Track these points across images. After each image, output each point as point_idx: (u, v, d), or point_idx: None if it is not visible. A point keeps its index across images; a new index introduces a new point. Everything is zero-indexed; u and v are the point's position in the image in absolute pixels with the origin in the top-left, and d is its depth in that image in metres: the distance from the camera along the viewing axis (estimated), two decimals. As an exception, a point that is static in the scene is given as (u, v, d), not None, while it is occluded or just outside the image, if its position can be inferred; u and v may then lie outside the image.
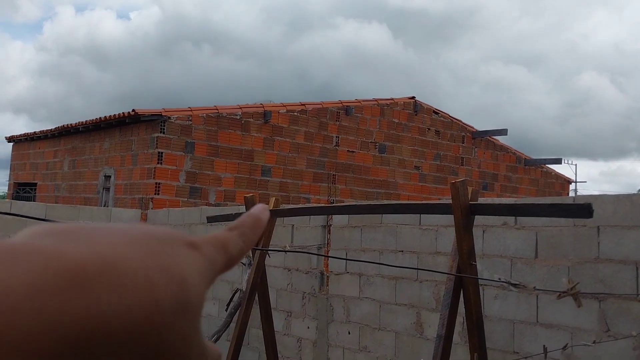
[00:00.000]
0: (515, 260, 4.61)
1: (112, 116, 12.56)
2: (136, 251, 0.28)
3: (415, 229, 5.44)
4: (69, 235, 0.28)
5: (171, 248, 0.30)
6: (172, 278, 0.28)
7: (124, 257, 0.27)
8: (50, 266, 0.24)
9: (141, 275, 0.27)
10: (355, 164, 14.51)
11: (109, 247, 0.27)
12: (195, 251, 0.31)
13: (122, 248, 0.27)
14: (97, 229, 0.29)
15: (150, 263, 0.28)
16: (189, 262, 0.30)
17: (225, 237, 0.35)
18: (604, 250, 4.07)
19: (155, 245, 0.29)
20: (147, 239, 0.29)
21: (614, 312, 3.98)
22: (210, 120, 12.36)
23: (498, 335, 4.63)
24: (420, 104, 15.90)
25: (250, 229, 0.37)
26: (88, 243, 0.27)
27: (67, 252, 0.26)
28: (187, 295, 0.29)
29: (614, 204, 4.04)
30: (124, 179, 12.47)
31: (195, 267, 0.30)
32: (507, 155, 17.54)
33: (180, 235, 0.32)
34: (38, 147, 15.98)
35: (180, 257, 0.30)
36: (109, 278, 0.25)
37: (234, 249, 0.35)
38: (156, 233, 0.30)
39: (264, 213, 0.39)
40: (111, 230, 0.29)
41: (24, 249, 0.25)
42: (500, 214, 4.27)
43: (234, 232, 0.36)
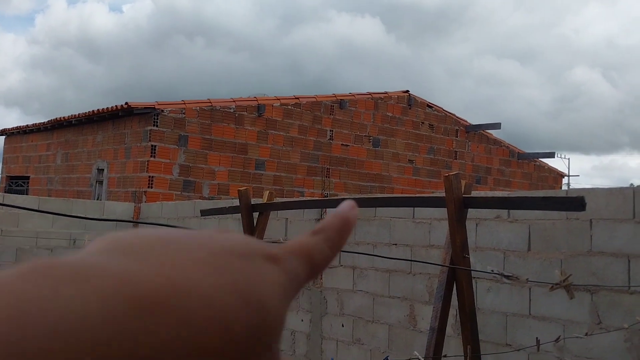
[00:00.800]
0: (508, 253, 4.63)
1: (105, 109, 12.50)
2: (211, 272, 0.25)
3: (409, 222, 5.45)
4: (138, 253, 0.26)
5: (250, 264, 0.27)
6: (248, 302, 0.25)
7: (197, 281, 0.25)
8: (118, 291, 0.22)
9: (215, 301, 0.24)
10: (349, 157, 14.52)
11: (182, 269, 0.25)
12: (276, 266, 0.28)
13: (195, 269, 0.25)
14: (170, 243, 0.27)
15: (225, 286, 0.25)
16: (269, 281, 0.27)
17: (310, 244, 0.32)
18: (597, 243, 4.10)
19: (232, 263, 0.27)
20: (224, 255, 0.27)
21: (605, 304, 4.01)
22: (203, 114, 12.32)
23: (491, 327, 4.65)
24: (414, 97, 15.90)
25: (337, 232, 0.33)
26: (159, 263, 0.25)
27: (138, 276, 0.24)
28: (266, 320, 0.26)
29: (607, 197, 4.06)
30: (117, 172, 12.43)
31: (276, 285, 0.28)
32: (501, 149, 17.58)
33: (260, 247, 0.29)
34: (31, 140, 15.90)
35: (260, 276, 0.27)
36: (179, 306, 0.23)
37: (319, 257, 0.32)
38: (235, 246, 0.28)
39: (352, 212, 0.35)
40: (185, 244, 0.27)
41: (92, 270, 0.23)
42: (494, 207, 4.28)
43: (319, 237, 0.32)
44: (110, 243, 0.27)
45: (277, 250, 0.29)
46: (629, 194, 3.97)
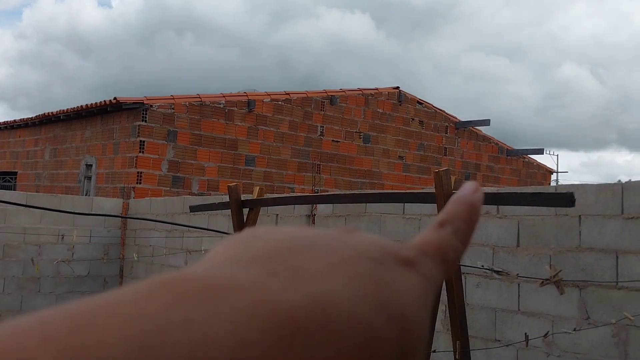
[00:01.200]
0: (497, 248, 4.65)
1: (94, 104, 12.41)
2: (349, 283, 0.23)
3: (399, 218, 5.46)
4: (272, 264, 0.23)
5: (387, 271, 0.24)
6: (391, 318, 0.23)
7: (337, 296, 0.22)
8: (257, 313, 0.20)
9: (358, 318, 0.22)
10: (340, 153, 14.52)
11: (320, 283, 0.22)
12: (413, 270, 0.26)
13: (334, 282, 0.23)
14: (299, 247, 0.24)
15: (367, 299, 0.23)
16: (408, 289, 0.25)
17: (441, 240, 0.29)
18: (585, 239, 4.12)
19: (369, 271, 0.24)
20: (359, 262, 0.24)
21: (594, 300, 4.03)
22: (193, 109, 12.27)
23: (480, 323, 4.67)
24: (405, 94, 15.92)
25: (466, 222, 0.30)
26: (294, 275, 0.22)
27: (274, 293, 0.21)
28: (409, 337, 0.23)
29: (596, 193, 4.08)
30: (106, 168, 12.35)
31: (415, 293, 0.25)
32: (490, 146, 17.66)
33: (393, 249, 0.26)
34: (18, 135, 15.76)
35: (398, 284, 0.24)
36: (322, 327, 0.21)
37: (452, 254, 0.28)
38: (368, 250, 0.25)
39: (477, 196, 0.31)
40: (315, 249, 0.24)
41: (223, 286, 0.21)
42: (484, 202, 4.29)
43: (447, 230, 0.29)
44: (234, 250, 0.25)
45: (411, 252, 0.27)
46: (618, 190, 3.99)
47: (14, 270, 8.38)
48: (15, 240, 8.39)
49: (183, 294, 0.20)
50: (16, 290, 8.39)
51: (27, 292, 8.46)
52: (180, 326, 0.19)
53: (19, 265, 8.42)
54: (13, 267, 8.39)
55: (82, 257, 8.87)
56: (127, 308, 0.19)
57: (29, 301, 8.41)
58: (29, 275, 8.45)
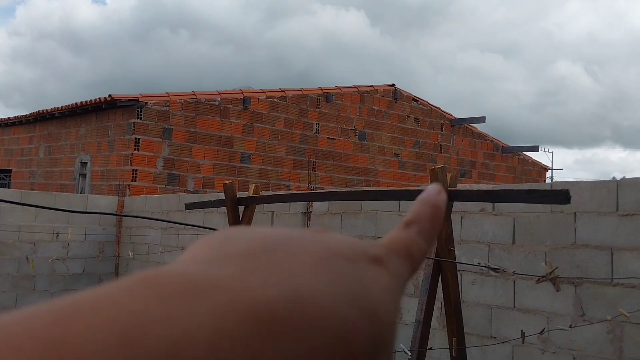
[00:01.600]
0: (493, 246, 4.66)
1: (89, 102, 12.36)
2: (324, 279, 0.24)
3: (395, 215, 5.46)
4: (248, 261, 0.24)
5: (358, 268, 0.25)
6: (363, 311, 0.24)
7: (311, 291, 0.23)
8: (234, 309, 0.21)
9: (333, 312, 0.23)
10: (336, 151, 14.51)
11: (295, 278, 0.23)
12: (382, 267, 0.27)
13: (309, 278, 0.23)
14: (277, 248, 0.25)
15: (341, 295, 0.24)
16: (378, 285, 0.26)
17: (407, 239, 0.30)
18: (581, 236, 4.13)
19: (342, 268, 0.25)
20: (332, 259, 0.25)
21: (589, 296, 4.04)
22: (188, 106, 12.24)
23: (476, 320, 4.68)
24: (400, 91, 15.92)
25: (430, 222, 0.31)
26: (271, 272, 0.23)
27: (253, 289, 0.22)
28: (381, 331, 0.24)
29: (591, 190, 4.09)
30: (101, 166, 12.31)
31: (385, 290, 0.26)
32: (485, 143, 17.68)
33: (363, 248, 0.27)
34: (13, 132, 15.69)
35: (369, 281, 0.25)
36: (298, 321, 0.22)
37: (417, 253, 0.30)
38: (341, 249, 0.26)
39: (440, 197, 0.32)
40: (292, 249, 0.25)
41: (200, 282, 0.21)
42: (479, 200, 4.30)
43: (413, 230, 0.30)
44: (210, 249, 0.25)
45: (380, 251, 0.28)
46: (613, 187, 4.00)
47: (8, 268, 8.35)
48: (10, 238, 8.36)
49: (163, 290, 0.21)
50: (11, 289, 8.36)
51: (22, 290, 8.43)
52: (159, 321, 0.19)
53: (14, 263, 8.39)
54: (8, 265, 8.36)
55: (77, 254, 8.84)
56: (108, 304, 0.20)
57: (24, 299, 8.38)
58: (24, 273, 8.42)
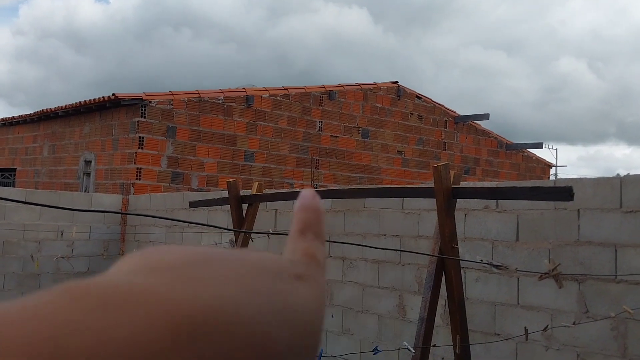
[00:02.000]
0: (497, 243, 4.66)
1: (92, 100, 12.39)
2: (247, 292, 0.25)
3: (398, 213, 5.46)
4: (172, 274, 0.24)
5: (282, 284, 0.27)
6: (285, 321, 0.25)
7: (235, 301, 0.24)
8: (154, 318, 0.21)
9: (254, 322, 0.24)
10: (339, 149, 14.51)
11: (218, 289, 0.24)
12: (304, 282, 0.29)
13: (231, 289, 0.24)
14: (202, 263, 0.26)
15: (262, 306, 0.25)
16: (301, 299, 0.27)
17: (312, 248, 0.32)
18: (584, 233, 4.13)
19: (266, 283, 0.26)
20: (257, 275, 0.26)
21: (593, 293, 4.04)
22: (192, 105, 12.25)
23: (479, 317, 4.68)
24: (404, 88, 15.90)
25: (320, 225, 0.33)
26: (195, 285, 0.24)
27: (174, 300, 0.22)
28: (302, 339, 0.26)
29: (594, 187, 4.09)
30: (105, 164, 12.34)
31: (307, 302, 0.28)
32: (489, 140, 17.65)
33: (287, 266, 0.29)
34: (17, 132, 15.74)
35: (292, 295, 0.27)
36: (219, 329, 0.23)
37: (321, 256, 0.32)
38: (265, 265, 0.28)
39: (316, 200, 0.34)
40: (218, 264, 0.26)
41: (123, 294, 0.22)
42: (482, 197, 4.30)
43: (311, 237, 0.32)
44: (140, 261, 0.26)
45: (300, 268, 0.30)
46: (616, 184, 4.00)
47: (13, 267, 8.39)
48: (15, 236, 8.39)
49: (86, 301, 0.21)
50: (16, 287, 8.40)
51: (27, 288, 8.46)
52: (80, 332, 0.20)
53: (19, 262, 8.42)
54: (13, 263, 8.39)
55: (82, 253, 8.87)
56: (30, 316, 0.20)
57: (29, 298, 8.40)
58: (29, 272, 8.45)
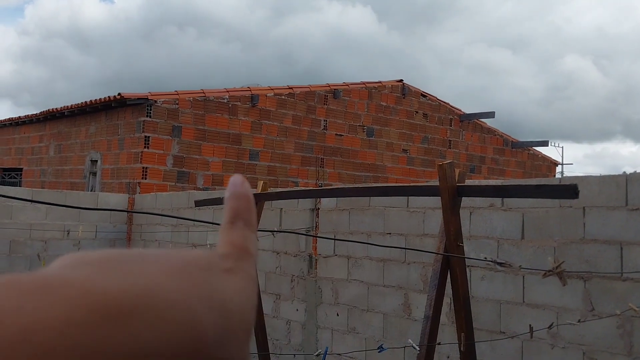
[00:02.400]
0: (502, 241, 4.65)
1: (98, 100, 12.43)
2: (175, 281, 0.26)
3: (403, 211, 5.46)
4: (104, 266, 0.26)
5: (210, 276, 0.29)
6: (213, 307, 0.27)
7: (162, 288, 0.26)
8: (84, 300, 0.23)
9: (181, 306, 0.25)
10: (344, 147, 14.51)
11: (147, 278, 0.26)
12: (232, 275, 0.30)
13: (160, 278, 0.26)
14: (134, 258, 0.27)
15: (189, 293, 0.26)
16: (230, 289, 0.29)
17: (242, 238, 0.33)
18: (589, 231, 4.12)
19: (194, 274, 0.28)
20: (185, 268, 0.28)
21: (598, 291, 4.03)
22: (197, 104, 12.28)
23: (485, 315, 4.68)
24: (408, 87, 15.88)
25: (249, 212, 0.34)
26: (125, 274, 0.26)
27: (102, 285, 0.24)
28: (231, 323, 0.28)
29: (599, 185, 4.08)
30: (111, 164, 12.38)
31: (237, 292, 0.29)
32: (495, 138, 17.61)
33: (216, 261, 0.30)
34: (23, 131, 15.80)
35: (220, 285, 0.29)
36: (146, 312, 0.24)
37: (251, 245, 0.33)
38: (194, 261, 0.29)
39: (244, 186, 0.35)
40: (148, 259, 0.28)
41: (55, 281, 0.24)
42: (487, 195, 4.30)
43: (241, 226, 0.33)
44: (74, 259, 0.27)
45: (229, 263, 0.31)
46: (622, 182, 3.99)
47: (20, 267, 8.43)
48: (22, 236, 8.43)
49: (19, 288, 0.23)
50: (23, 286, 8.43)
51: (34, 287, 8.49)
52: (11, 312, 0.22)
53: (26, 261, 8.46)
54: (19, 263, 8.43)
55: (88, 252, 8.90)
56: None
57: (36, 296, 8.45)
58: (36, 271, 8.48)
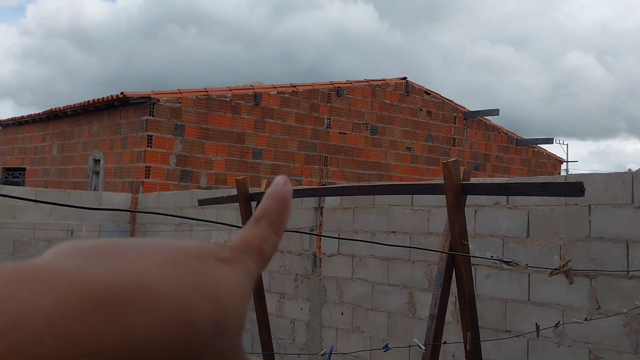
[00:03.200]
0: (507, 239, 4.62)
1: (101, 99, 12.43)
2: (168, 270, 0.26)
3: (407, 209, 5.44)
4: (96, 255, 0.26)
5: (204, 265, 0.28)
6: (207, 297, 0.27)
7: (155, 277, 0.25)
8: (75, 289, 0.23)
9: (173, 296, 0.25)
10: (347, 145, 14.48)
11: (139, 267, 0.26)
12: (229, 265, 0.29)
13: (152, 267, 0.26)
14: (127, 246, 0.27)
15: (183, 282, 0.26)
16: (224, 279, 0.29)
17: (257, 236, 0.32)
18: (595, 229, 4.09)
19: (188, 263, 0.28)
20: (179, 256, 0.28)
21: (604, 289, 4.01)
22: (200, 103, 12.27)
23: (490, 314, 4.66)
24: (412, 84, 15.84)
25: (279, 214, 0.34)
26: (116, 263, 0.25)
27: (93, 274, 0.24)
28: (224, 313, 0.27)
29: (605, 182, 4.05)
30: (114, 163, 12.38)
31: (231, 282, 0.29)
32: (499, 136, 17.56)
33: (212, 250, 0.30)
34: (26, 131, 15.83)
35: (215, 274, 0.28)
36: (138, 300, 0.24)
37: (267, 247, 0.32)
38: (188, 249, 0.29)
39: (286, 188, 0.34)
40: (141, 247, 0.28)
41: (47, 270, 0.24)
42: (492, 193, 4.27)
43: (263, 225, 0.33)
44: (67, 247, 0.27)
45: (227, 252, 0.30)
46: (628, 179, 3.96)
47: (24, 266, 8.44)
48: (25, 236, 8.44)
49: (9, 276, 0.23)
50: (27, 286, 8.44)
51: (38, 287, 8.51)
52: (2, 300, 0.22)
53: (30, 261, 8.46)
54: (24, 262, 8.44)
55: (92, 251, 8.91)
56: None
57: (40, 296, 8.46)
58: (40, 271, 8.50)
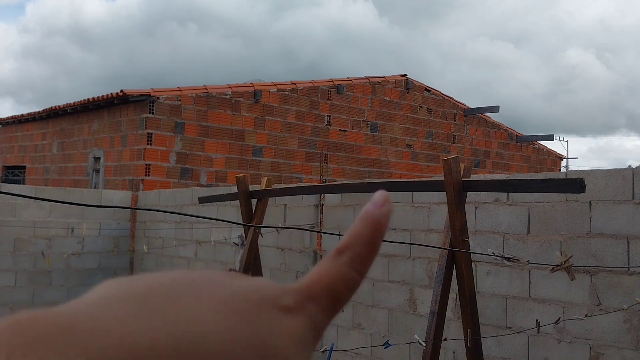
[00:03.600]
0: (508, 236, 4.62)
1: (101, 97, 12.43)
2: (221, 325, 0.23)
3: (408, 206, 5.44)
4: (145, 302, 0.23)
5: (264, 314, 0.25)
6: (262, 356, 0.23)
7: (209, 337, 0.23)
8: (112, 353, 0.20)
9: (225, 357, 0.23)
10: (347, 143, 14.48)
11: (190, 323, 0.23)
12: (291, 316, 0.26)
13: (206, 323, 0.23)
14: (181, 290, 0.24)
15: (240, 341, 0.23)
16: (285, 334, 0.25)
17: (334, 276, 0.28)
18: (596, 225, 4.09)
19: (245, 313, 0.25)
20: (236, 304, 0.25)
21: (605, 285, 4.01)
22: (199, 100, 12.26)
23: (491, 310, 4.66)
24: (412, 81, 15.83)
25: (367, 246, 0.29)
26: (166, 316, 0.23)
27: (137, 333, 0.21)
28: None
29: (606, 179, 4.04)
30: (114, 161, 12.38)
31: (293, 337, 0.25)
32: (499, 132, 17.55)
33: (274, 294, 0.26)
34: (26, 129, 15.82)
35: (275, 328, 0.25)
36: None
37: (343, 289, 0.28)
38: (248, 293, 0.26)
39: (384, 209, 0.30)
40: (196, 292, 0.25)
41: (85, 325, 0.21)
42: (493, 190, 4.27)
43: (343, 260, 0.28)
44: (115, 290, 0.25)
45: (291, 300, 0.27)
46: (628, 175, 3.95)
47: (25, 264, 8.44)
48: (26, 234, 8.44)
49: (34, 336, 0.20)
50: (28, 284, 8.45)
51: (39, 285, 8.52)
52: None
53: (30, 259, 8.47)
54: (24, 260, 8.45)
55: (92, 249, 8.92)
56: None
57: (41, 294, 8.47)
58: (40, 269, 8.51)
